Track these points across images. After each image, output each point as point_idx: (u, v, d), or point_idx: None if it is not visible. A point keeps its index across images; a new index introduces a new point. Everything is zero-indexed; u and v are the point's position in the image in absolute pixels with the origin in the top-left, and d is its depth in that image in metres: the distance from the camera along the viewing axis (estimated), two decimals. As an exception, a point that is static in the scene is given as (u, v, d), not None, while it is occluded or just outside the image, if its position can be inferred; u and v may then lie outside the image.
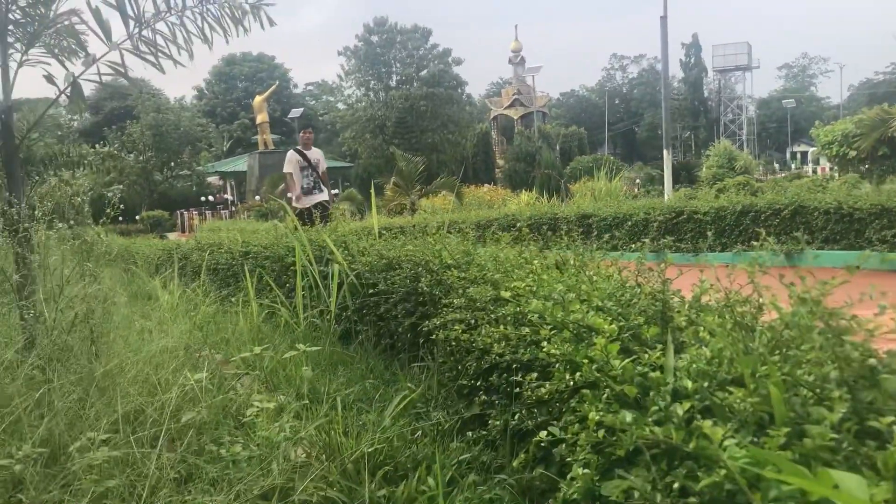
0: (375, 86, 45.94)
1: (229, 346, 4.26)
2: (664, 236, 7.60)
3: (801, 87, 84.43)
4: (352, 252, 4.34)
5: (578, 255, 2.84)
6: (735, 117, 68.05)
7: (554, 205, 12.86)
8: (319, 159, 9.83)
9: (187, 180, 41.87)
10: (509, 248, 3.58)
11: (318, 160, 9.80)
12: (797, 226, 6.30)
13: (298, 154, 9.65)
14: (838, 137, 13.99)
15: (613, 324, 1.68)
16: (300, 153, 9.63)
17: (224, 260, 6.32)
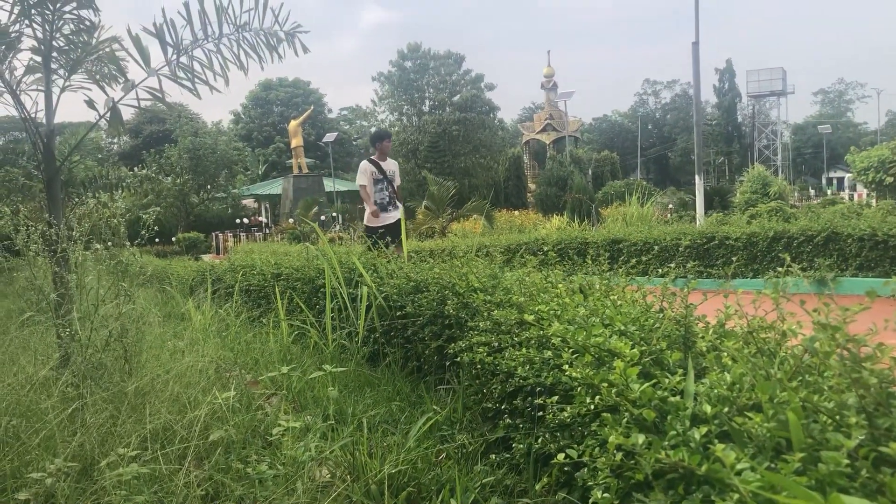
0: (408, 110, 46.36)
1: (259, 366, 4.31)
2: (694, 261, 7.54)
3: (838, 112, 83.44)
4: (381, 274, 4.38)
5: (604, 280, 2.84)
6: (769, 143, 67.37)
7: (584, 229, 12.82)
8: (395, 171, 8.86)
9: (223, 203, 42.50)
10: (535, 273, 3.59)
11: (394, 172, 8.82)
12: (830, 252, 6.21)
13: (373, 165, 8.63)
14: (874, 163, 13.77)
15: (635, 348, 1.69)
16: (375, 164, 8.63)
17: (256, 281, 6.40)
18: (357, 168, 9.02)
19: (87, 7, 4.33)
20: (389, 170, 8.74)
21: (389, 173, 8.71)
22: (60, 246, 3.51)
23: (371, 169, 8.67)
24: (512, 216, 30.68)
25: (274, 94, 61.43)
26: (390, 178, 8.72)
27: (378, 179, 8.63)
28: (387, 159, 8.76)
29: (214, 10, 4.22)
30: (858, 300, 4.83)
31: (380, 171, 8.60)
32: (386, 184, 8.62)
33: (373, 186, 8.59)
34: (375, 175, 8.65)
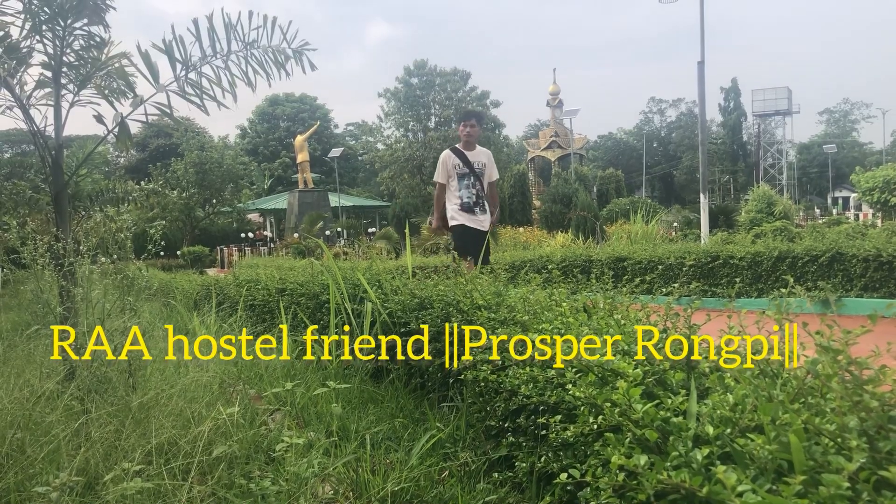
0: (414, 127, 46.55)
1: (262, 381, 4.32)
2: (699, 280, 7.54)
3: (843, 132, 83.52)
4: (385, 291, 4.39)
5: (608, 299, 2.85)
6: (775, 162, 67.45)
7: (589, 247, 12.82)
8: (487, 164, 7.12)
9: (228, 217, 42.62)
10: (540, 290, 3.60)
11: (485, 165, 7.09)
12: (835, 273, 6.20)
13: (455, 155, 6.99)
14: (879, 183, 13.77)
15: (638, 368, 1.70)
16: (458, 154, 6.99)
17: (260, 296, 6.42)
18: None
19: (97, 23, 4.38)
20: (478, 161, 7.04)
21: (478, 166, 7.02)
22: (67, 260, 3.53)
23: (453, 161, 7.00)
24: (517, 233, 30.73)
25: (280, 110, 61.76)
26: (479, 173, 7.00)
27: (463, 174, 6.97)
28: (475, 147, 7.10)
29: (223, 27, 4.27)
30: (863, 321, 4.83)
31: (465, 163, 6.94)
32: (473, 180, 6.94)
33: (456, 183, 6.98)
34: (459, 169, 6.98)
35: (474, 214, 6.90)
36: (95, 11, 4.30)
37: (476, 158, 7.05)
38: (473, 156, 7.04)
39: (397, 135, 47.53)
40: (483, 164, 7.09)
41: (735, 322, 2.04)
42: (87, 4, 4.19)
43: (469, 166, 6.99)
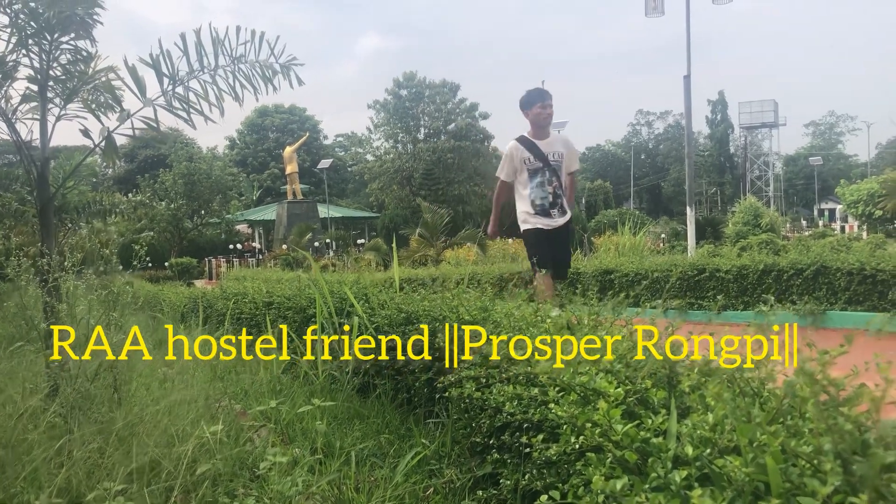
0: (403, 138, 46.67)
1: (248, 396, 4.30)
2: (686, 293, 7.57)
3: (829, 144, 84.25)
4: (372, 305, 4.39)
5: (592, 314, 2.86)
6: (762, 174, 67.96)
7: (576, 258, 12.86)
8: (564, 154, 5.95)
9: (216, 228, 42.52)
10: (526, 305, 3.61)
11: (562, 156, 5.93)
12: (820, 286, 6.25)
13: (524, 146, 5.85)
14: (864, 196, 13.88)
15: (620, 387, 1.71)
16: (527, 143, 5.84)
17: (247, 309, 6.40)
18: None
19: (84, 38, 4.38)
20: (554, 152, 5.87)
21: (554, 158, 5.85)
22: (52, 276, 3.51)
23: (521, 154, 5.86)
24: (506, 244, 30.78)
25: (269, 121, 61.77)
26: (555, 166, 5.84)
27: (535, 170, 5.80)
28: (549, 135, 5.96)
29: (211, 41, 4.28)
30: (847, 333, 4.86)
31: (537, 156, 5.78)
32: (549, 175, 5.80)
33: (527, 180, 5.84)
34: (529, 163, 5.82)
35: (550, 217, 5.85)
36: (83, 26, 4.30)
37: (551, 148, 5.86)
38: (548, 145, 5.86)
39: (387, 146, 47.63)
40: (560, 154, 5.91)
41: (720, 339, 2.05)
42: (74, 19, 4.19)
43: (543, 159, 5.78)
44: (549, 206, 5.87)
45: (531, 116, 5.93)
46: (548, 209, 5.86)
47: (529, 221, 5.93)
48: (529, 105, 5.94)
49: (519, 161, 5.90)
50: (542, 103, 5.87)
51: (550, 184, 5.85)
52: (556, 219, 5.90)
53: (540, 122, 5.93)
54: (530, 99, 5.94)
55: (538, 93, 5.99)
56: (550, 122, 6.02)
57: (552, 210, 5.88)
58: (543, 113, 5.89)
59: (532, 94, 5.97)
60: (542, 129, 5.94)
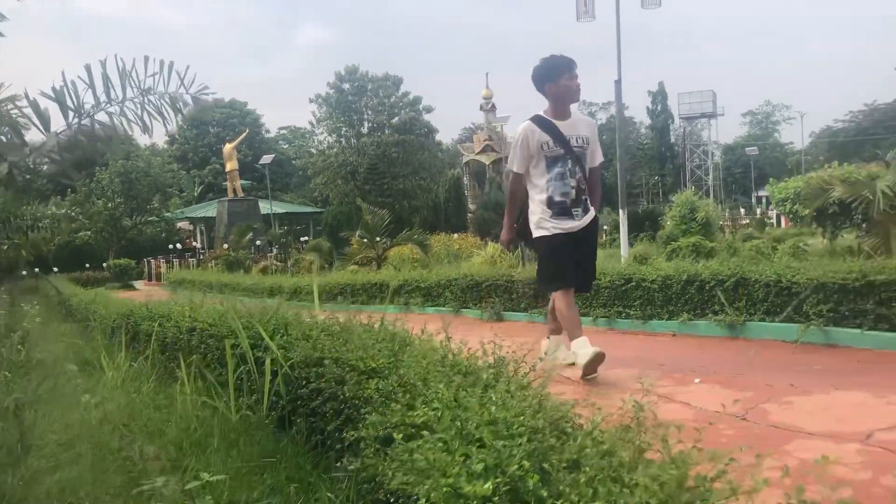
0: (347, 132, 46.33)
1: (164, 437, 4.22)
2: (615, 303, 7.69)
3: (766, 133, 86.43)
4: (291, 338, 4.32)
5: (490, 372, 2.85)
6: (701, 163, 69.38)
7: (512, 265, 12.95)
8: (590, 139, 4.95)
9: (157, 226, 41.63)
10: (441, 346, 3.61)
11: (587, 141, 4.92)
12: (740, 297, 6.41)
13: (541, 128, 4.81)
14: (791, 195, 14.31)
15: (489, 483, 1.70)
16: (545, 125, 4.81)
17: (172, 334, 6.28)
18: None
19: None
20: (578, 136, 4.86)
21: (578, 143, 4.84)
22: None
23: (539, 138, 4.79)
24: (450, 240, 30.78)
25: (210, 115, 60.58)
26: (579, 154, 4.86)
27: (555, 157, 4.78)
28: (571, 115, 4.91)
29: (118, 73, 4.17)
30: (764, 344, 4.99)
31: (557, 139, 4.77)
32: (571, 165, 4.80)
33: (544, 170, 4.80)
34: (548, 148, 4.78)
35: (572, 218, 4.81)
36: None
37: (575, 131, 4.84)
38: (570, 127, 4.83)
39: (330, 140, 47.21)
40: (585, 139, 4.87)
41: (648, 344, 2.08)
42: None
43: (564, 144, 4.74)
44: (570, 203, 4.79)
45: (555, 90, 4.80)
46: (569, 208, 4.79)
47: (546, 225, 4.83)
48: (554, 76, 4.77)
49: (536, 146, 4.77)
50: (570, 73, 4.78)
51: (573, 175, 4.77)
52: (579, 220, 4.84)
53: (568, 96, 4.82)
54: (556, 67, 4.79)
55: (564, 61, 4.83)
56: (579, 95, 4.88)
57: (575, 209, 4.82)
58: (573, 85, 4.80)
59: (558, 61, 4.82)
60: (565, 107, 4.84)
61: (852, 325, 5.63)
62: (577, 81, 4.84)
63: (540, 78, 4.89)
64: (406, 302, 11.37)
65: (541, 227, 4.92)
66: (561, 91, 4.81)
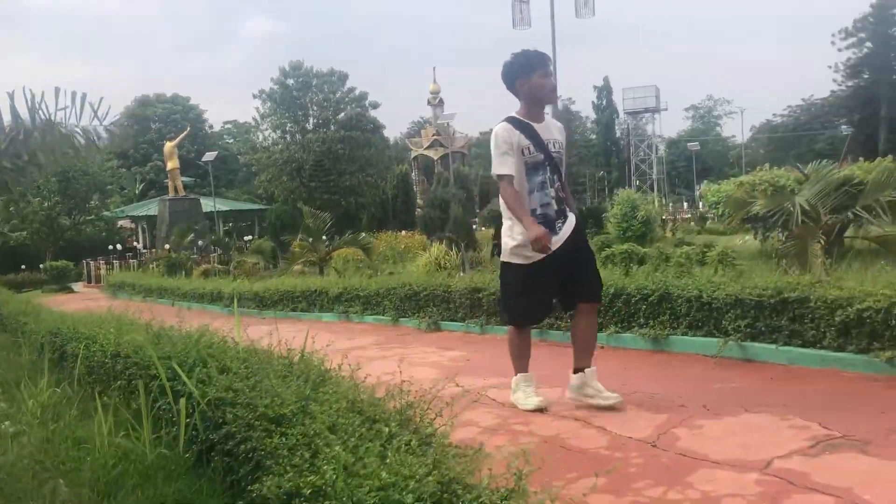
0: (292, 128, 45.79)
1: (81, 473, 4.16)
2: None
3: (708, 127, 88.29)
4: (211, 370, 4.28)
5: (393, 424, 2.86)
6: (646, 157, 70.50)
7: (455, 268, 13.05)
8: (562, 143, 4.60)
9: (96, 226, 40.63)
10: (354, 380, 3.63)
11: (562, 147, 4.57)
12: (664, 311, 6.57)
13: (520, 129, 4.38)
14: (722, 198, 14.70)
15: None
16: (525, 128, 4.39)
17: (97, 358, 6.15)
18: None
19: None
20: (553, 140, 4.47)
21: (554, 147, 4.45)
22: None
23: (520, 141, 4.34)
24: (397, 238, 30.76)
25: (151, 111, 59.27)
26: (557, 160, 4.47)
27: (536, 164, 4.37)
28: (544, 118, 4.55)
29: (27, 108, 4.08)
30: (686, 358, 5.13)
31: (537, 144, 4.36)
32: (550, 173, 4.41)
33: (524, 179, 4.37)
34: (529, 153, 4.36)
35: (555, 233, 4.36)
36: None
37: (550, 135, 4.46)
38: (545, 130, 4.45)
39: (274, 137, 46.60)
40: (560, 144, 4.51)
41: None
42: None
43: (543, 149, 4.35)
44: (554, 215, 4.38)
45: (528, 88, 4.39)
46: (553, 220, 4.36)
47: (521, 254, 4.39)
48: (526, 72, 4.39)
49: (517, 150, 4.33)
50: (543, 70, 4.40)
51: (552, 184, 4.38)
52: (561, 232, 4.38)
53: (543, 96, 4.44)
54: (528, 63, 4.40)
55: (538, 56, 4.45)
56: (556, 95, 4.68)
57: (557, 222, 4.39)
58: (546, 84, 4.40)
59: (530, 56, 4.43)
60: (540, 109, 4.48)
61: (768, 340, 5.82)
62: (551, 80, 4.45)
63: (510, 75, 4.47)
64: (346, 310, 11.35)
65: (515, 253, 4.42)
66: (534, 90, 4.38)
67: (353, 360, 7.57)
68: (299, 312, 12.60)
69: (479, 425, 4.60)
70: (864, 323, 5.19)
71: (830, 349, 5.41)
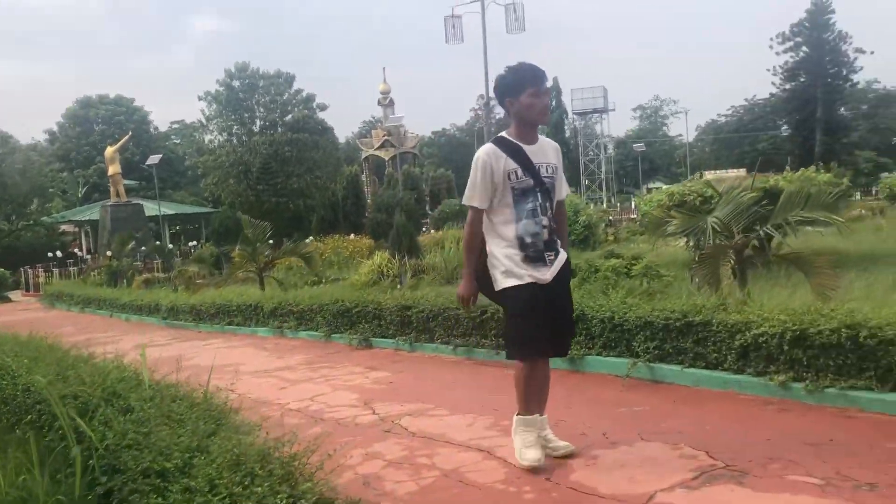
0: (238, 131, 45.31)
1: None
2: (473, 332, 7.92)
3: (655, 126, 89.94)
4: (111, 414, 4.28)
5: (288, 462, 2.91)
6: (594, 157, 71.45)
7: (393, 281, 13.11)
8: (557, 166, 4.20)
9: (36, 231, 39.65)
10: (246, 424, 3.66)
11: (555, 171, 4.16)
12: (580, 331, 6.74)
13: (508, 152, 4.01)
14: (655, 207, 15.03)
15: None
16: (513, 150, 4.02)
17: (10, 391, 6.06)
18: None
19: None
20: (546, 164, 4.08)
21: (547, 172, 4.07)
22: None
23: (505, 165, 3.97)
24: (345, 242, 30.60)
25: (94, 112, 57.96)
26: (549, 185, 4.08)
27: (525, 190, 4.00)
28: (538, 139, 4.14)
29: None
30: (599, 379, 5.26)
31: (526, 168, 3.98)
32: (541, 199, 4.03)
33: (511, 206, 4.01)
34: (516, 178, 3.98)
35: (546, 265, 4.02)
36: None
37: (543, 158, 4.08)
38: (538, 153, 4.06)
39: (221, 139, 46.05)
40: (553, 168, 4.11)
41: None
42: None
43: (534, 174, 3.98)
44: (544, 246, 4.03)
45: (517, 108, 4.00)
46: (542, 252, 4.02)
47: (518, 272, 3.98)
48: (515, 91, 3.98)
49: (502, 175, 3.96)
50: (534, 88, 3.96)
51: (544, 212, 4.04)
52: (552, 266, 4.05)
53: (531, 117, 4.00)
54: (518, 81, 3.98)
55: (531, 72, 4.00)
56: (548, 117, 4.22)
57: (548, 253, 4.05)
58: (536, 104, 3.97)
59: (521, 73, 4.00)
60: (532, 129, 4.06)
61: (675, 361, 6.03)
62: (544, 100, 4.02)
63: (501, 92, 4.12)
64: (280, 326, 11.33)
65: (511, 276, 4.00)
66: (522, 110, 3.98)
67: (278, 384, 7.63)
68: (235, 327, 12.53)
69: (385, 458, 4.69)
70: (760, 347, 5.42)
71: (731, 371, 5.64)
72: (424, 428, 5.32)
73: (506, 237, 4.05)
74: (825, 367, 5.06)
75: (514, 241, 4.02)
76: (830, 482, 3.66)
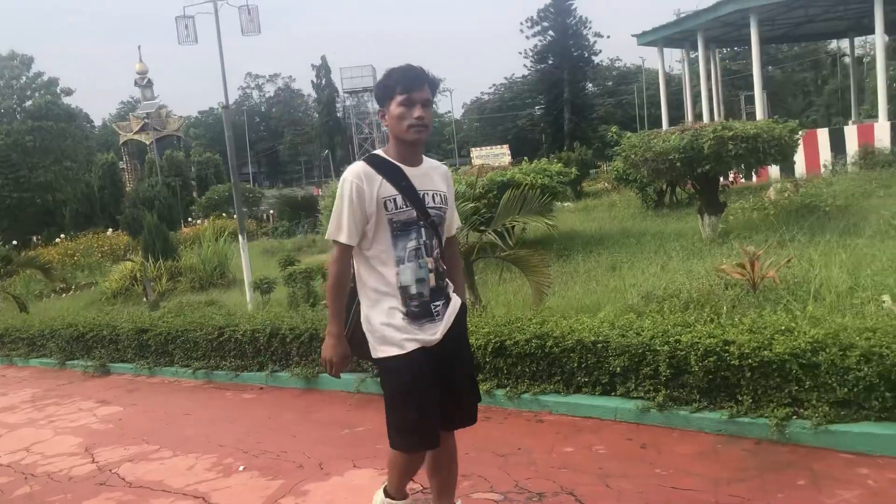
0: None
1: None
2: (211, 354, 7.78)
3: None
4: None
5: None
6: (368, 135, 71.99)
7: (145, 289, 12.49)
8: (447, 195, 3.18)
9: None
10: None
11: (445, 200, 3.14)
12: (314, 350, 6.86)
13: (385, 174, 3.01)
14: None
15: None
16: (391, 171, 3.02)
17: None
18: None
19: None
20: (434, 192, 3.12)
21: (434, 202, 3.10)
22: None
23: (381, 191, 3.00)
24: (101, 240, 28.38)
25: None
26: (436, 218, 3.10)
27: (407, 222, 3.03)
28: (423, 160, 3.16)
29: None
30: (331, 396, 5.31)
31: (406, 193, 3.02)
32: (426, 235, 3.05)
33: (389, 244, 3.02)
34: (394, 208, 3.00)
35: (433, 319, 3.07)
36: None
37: (430, 185, 3.14)
38: (422, 178, 3.12)
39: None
40: (443, 196, 3.17)
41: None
42: None
43: (417, 203, 3.06)
44: (430, 295, 3.08)
45: (389, 120, 3.05)
46: (428, 303, 3.08)
47: (396, 338, 3.02)
48: (384, 98, 3.06)
49: (376, 203, 3.01)
50: (405, 95, 2.97)
51: (430, 251, 3.09)
52: (440, 321, 3.10)
53: (400, 131, 3.00)
54: (386, 86, 3.04)
55: (401, 75, 3.03)
56: (426, 133, 3.03)
57: (435, 304, 3.10)
58: (407, 116, 2.97)
59: (391, 76, 3.06)
60: (412, 148, 3.08)
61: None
62: (417, 111, 2.97)
63: (377, 100, 3.15)
64: (9, 354, 10.41)
65: (389, 342, 3.03)
66: (391, 122, 3.03)
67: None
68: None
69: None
70: (469, 359, 5.84)
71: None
72: (143, 476, 5.17)
73: (382, 287, 3.05)
74: (522, 374, 5.58)
75: (396, 291, 3.04)
76: (507, 497, 4.05)
